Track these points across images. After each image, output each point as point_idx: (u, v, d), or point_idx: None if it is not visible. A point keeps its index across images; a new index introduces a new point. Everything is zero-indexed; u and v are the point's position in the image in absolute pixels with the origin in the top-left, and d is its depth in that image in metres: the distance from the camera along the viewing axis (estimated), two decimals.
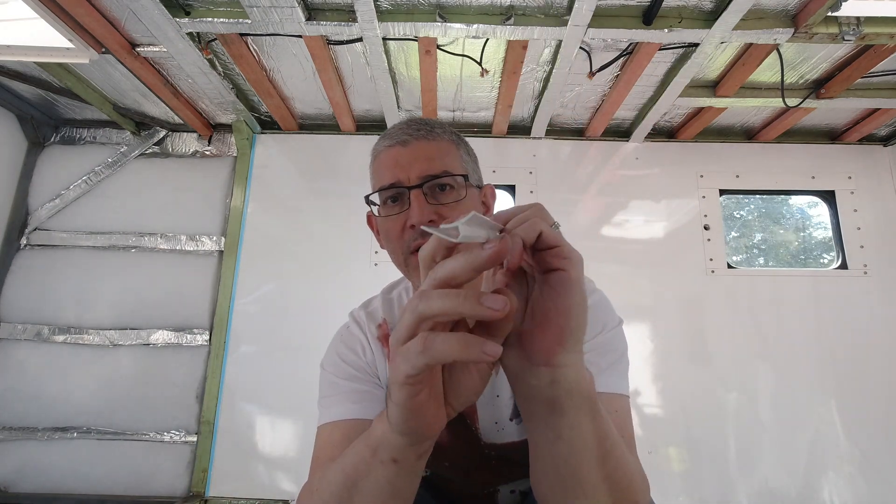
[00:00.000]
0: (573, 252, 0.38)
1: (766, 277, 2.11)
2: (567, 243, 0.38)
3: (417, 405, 0.37)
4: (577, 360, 0.39)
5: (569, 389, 0.39)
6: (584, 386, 0.40)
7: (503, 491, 0.79)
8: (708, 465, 1.93)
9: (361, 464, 0.45)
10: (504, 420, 0.72)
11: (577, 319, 0.38)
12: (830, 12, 1.37)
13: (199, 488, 1.89)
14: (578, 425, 0.40)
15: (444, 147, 0.72)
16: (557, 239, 0.37)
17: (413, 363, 0.34)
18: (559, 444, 0.41)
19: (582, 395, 0.40)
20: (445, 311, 0.33)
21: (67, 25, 1.46)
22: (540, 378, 0.39)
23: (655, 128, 2.15)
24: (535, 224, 0.36)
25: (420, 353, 0.33)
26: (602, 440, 0.42)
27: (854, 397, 1.97)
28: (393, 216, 0.71)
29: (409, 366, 0.34)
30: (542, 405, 0.40)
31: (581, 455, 0.41)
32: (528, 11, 1.45)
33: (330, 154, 2.22)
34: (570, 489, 0.43)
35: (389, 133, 0.75)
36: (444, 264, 0.34)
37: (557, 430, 0.41)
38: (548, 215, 0.39)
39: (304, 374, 1.95)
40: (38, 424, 1.95)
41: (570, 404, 0.39)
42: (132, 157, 2.20)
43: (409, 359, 0.34)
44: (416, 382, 0.35)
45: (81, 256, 2.11)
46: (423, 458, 0.43)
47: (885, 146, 2.22)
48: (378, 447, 0.42)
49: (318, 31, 1.48)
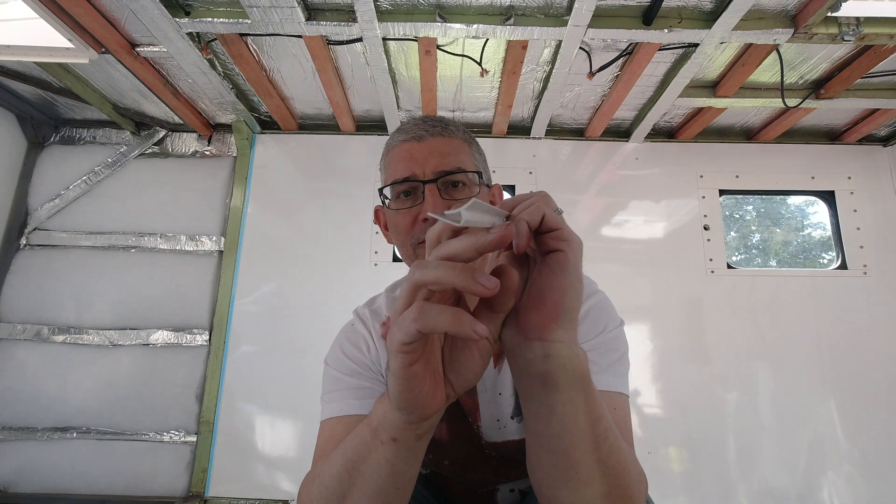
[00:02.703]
0: (572, 235, 0.39)
1: (766, 277, 2.11)
2: (567, 227, 0.40)
3: (412, 374, 0.37)
4: (571, 338, 0.41)
5: (562, 365, 0.40)
6: (577, 363, 0.41)
7: (502, 490, 0.79)
8: (708, 465, 1.93)
9: (362, 445, 0.46)
10: (506, 418, 0.72)
11: (572, 298, 0.39)
12: (830, 12, 1.37)
13: (199, 488, 1.89)
14: (571, 401, 0.41)
15: (457, 144, 0.74)
16: (558, 222, 0.39)
17: (406, 329, 0.35)
18: (552, 421, 0.42)
19: (575, 371, 0.41)
20: (439, 280, 0.34)
21: (67, 25, 1.46)
22: (534, 352, 0.40)
23: (655, 128, 2.16)
24: (539, 208, 0.39)
25: (413, 319, 0.34)
26: (595, 422, 0.43)
27: (854, 397, 1.97)
28: (405, 209, 0.71)
29: (402, 333, 0.35)
30: (536, 380, 0.41)
31: (574, 433, 0.42)
32: (527, 11, 1.45)
33: (330, 154, 2.22)
34: (563, 471, 0.44)
35: (404, 128, 0.75)
36: (449, 243, 0.36)
37: (551, 406, 0.41)
38: (552, 201, 0.41)
39: (304, 374, 1.95)
40: (38, 424, 1.95)
41: (564, 379, 0.40)
42: (132, 157, 2.20)
43: (403, 326, 0.35)
44: (410, 351, 0.36)
45: (81, 256, 2.11)
46: (423, 440, 0.44)
47: (885, 146, 2.22)
48: (378, 427, 0.43)
49: (317, 31, 1.48)
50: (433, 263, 0.35)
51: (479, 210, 0.35)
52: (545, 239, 0.39)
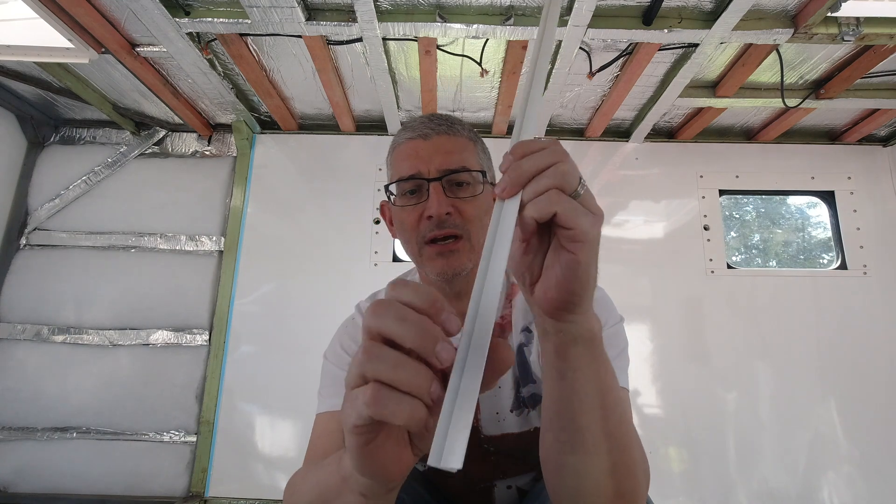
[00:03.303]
0: (587, 233, 0.36)
1: (766, 278, 2.11)
2: (581, 224, 0.36)
3: (370, 452, 0.34)
4: (588, 310, 0.42)
5: (575, 337, 0.42)
6: (590, 332, 0.43)
7: (500, 486, 0.79)
8: (708, 465, 1.93)
9: (333, 487, 0.44)
10: (505, 411, 0.73)
11: (585, 292, 0.40)
12: (830, 13, 1.37)
13: (199, 488, 1.89)
14: (580, 368, 0.44)
15: (462, 143, 0.75)
16: (573, 220, 0.35)
17: (359, 412, 0.31)
18: (562, 385, 0.44)
19: (588, 341, 0.43)
20: (397, 337, 0.30)
21: (67, 25, 1.45)
22: (549, 326, 0.42)
23: (655, 128, 2.15)
24: (551, 202, 0.35)
25: (366, 404, 0.30)
26: (605, 392, 0.45)
27: (854, 397, 1.97)
28: (410, 207, 0.72)
29: (355, 415, 0.31)
30: (550, 346, 0.44)
31: (584, 396, 0.44)
32: (528, 11, 1.45)
33: (330, 154, 2.22)
34: (570, 435, 0.46)
35: (410, 126, 0.76)
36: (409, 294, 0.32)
37: (562, 371, 0.44)
38: (570, 177, 0.36)
39: (304, 374, 1.95)
40: (38, 424, 1.95)
41: (574, 350, 0.43)
42: (132, 157, 2.20)
43: (356, 407, 0.31)
44: (365, 432, 0.33)
45: (81, 256, 2.10)
46: (393, 492, 0.41)
47: (885, 146, 2.22)
48: (348, 477, 0.40)
49: (317, 31, 1.48)
50: (386, 356, 0.30)
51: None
52: (558, 233, 0.37)
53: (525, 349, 0.75)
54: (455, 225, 0.70)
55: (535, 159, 0.36)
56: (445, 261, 0.70)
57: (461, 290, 0.75)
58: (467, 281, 0.74)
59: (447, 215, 0.69)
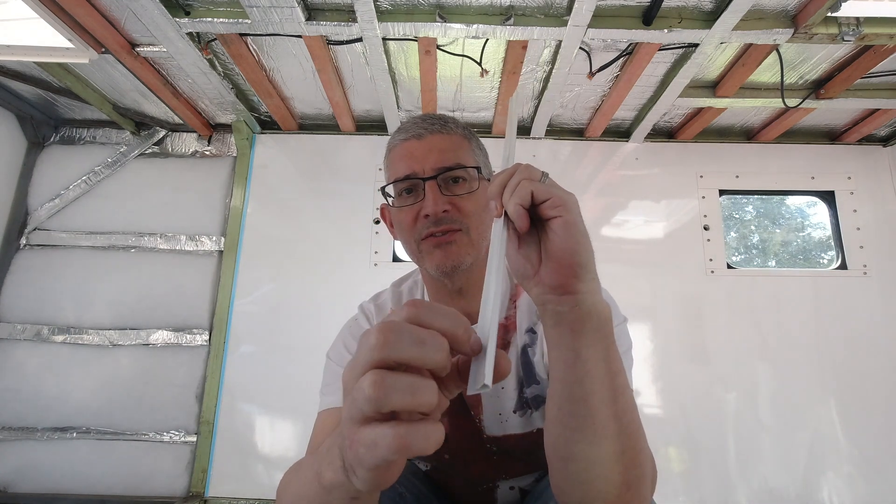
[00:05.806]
0: (565, 198, 0.43)
1: (766, 278, 2.11)
2: (557, 192, 0.43)
3: (385, 478, 0.33)
4: (594, 287, 0.45)
5: (588, 312, 0.44)
6: (601, 308, 0.45)
7: (502, 487, 0.79)
8: (707, 465, 1.93)
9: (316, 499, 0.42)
10: (508, 412, 0.73)
11: (584, 254, 0.43)
12: (830, 13, 1.37)
13: (199, 488, 1.89)
14: (594, 345, 0.45)
15: (457, 141, 0.75)
16: (548, 191, 0.43)
17: (382, 457, 0.29)
18: (577, 366, 0.46)
19: (599, 317, 0.45)
20: (412, 405, 0.29)
21: (67, 25, 1.45)
22: (564, 304, 0.45)
23: (655, 128, 2.15)
24: (525, 186, 0.43)
25: (394, 450, 0.29)
26: (614, 374, 0.47)
27: (854, 397, 1.97)
28: (407, 207, 0.73)
29: (376, 459, 0.30)
30: (566, 327, 0.45)
31: (594, 379, 0.46)
32: (527, 11, 1.45)
33: (330, 154, 2.22)
34: (581, 420, 0.47)
35: (404, 127, 0.77)
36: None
37: (577, 350, 0.45)
38: (534, 170, 0.45)
39: (304, 374, 1.95)
40: (38, 424, 1.95)
41: (590, 325, 0.45)
42: (132, 157, 2.20)
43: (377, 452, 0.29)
44: (384, 469, 0.32)
45: (81, 256, 2.10)
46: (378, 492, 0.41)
47: (885, 146, 2.22)
48: (333, 488, 0.38)
49: (317, 31, 1.48)
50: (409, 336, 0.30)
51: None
52: (542, 209, 0.43)
53: (529, 350, 0.74)
54: (453, 220, 0.71)
55: (502, 174, 0.46)
56: (444, 253, 0.70)
57: (462, 286, 0.75)
58: (468, 276, 0.74)
59: (444, 213, 0.70)
